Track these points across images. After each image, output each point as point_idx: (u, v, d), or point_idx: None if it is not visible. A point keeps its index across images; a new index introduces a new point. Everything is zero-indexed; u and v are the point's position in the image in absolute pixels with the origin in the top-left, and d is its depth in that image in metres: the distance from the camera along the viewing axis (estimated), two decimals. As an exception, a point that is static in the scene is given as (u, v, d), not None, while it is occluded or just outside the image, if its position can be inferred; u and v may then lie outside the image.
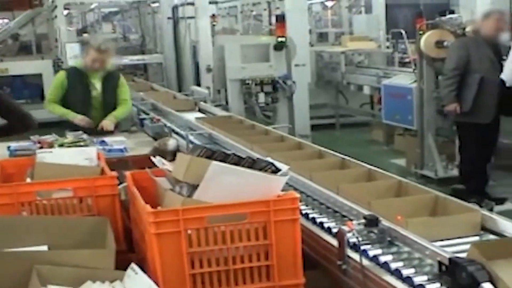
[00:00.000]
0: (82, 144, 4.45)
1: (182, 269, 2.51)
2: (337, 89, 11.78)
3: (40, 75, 12.72)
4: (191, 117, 6.38)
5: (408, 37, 10.51)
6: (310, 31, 12.05)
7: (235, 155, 2.78)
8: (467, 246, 2.40)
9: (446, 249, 2.50)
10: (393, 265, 2.53)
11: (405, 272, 2.46)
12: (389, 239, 2.72)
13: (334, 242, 2.79)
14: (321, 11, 16.10)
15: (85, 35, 15.61)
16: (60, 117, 5.68)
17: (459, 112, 6.48)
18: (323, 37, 15.28)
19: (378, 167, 3.68)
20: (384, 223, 2.74)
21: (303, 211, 3.22)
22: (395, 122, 8.50)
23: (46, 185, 3.09)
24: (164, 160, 3.09)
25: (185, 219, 2.49)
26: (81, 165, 3.41)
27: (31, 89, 13.19)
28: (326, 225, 3.07)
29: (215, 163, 2.65)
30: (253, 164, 2.73)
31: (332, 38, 14.62)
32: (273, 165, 2.76)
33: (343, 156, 4.00)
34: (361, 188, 3.35)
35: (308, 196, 3.50)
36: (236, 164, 2.70)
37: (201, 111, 7.26)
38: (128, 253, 3.04)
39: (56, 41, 12.59)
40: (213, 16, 11.40)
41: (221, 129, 5.33)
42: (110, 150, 4.68)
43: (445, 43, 7.16)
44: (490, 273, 2.17)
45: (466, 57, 6.40)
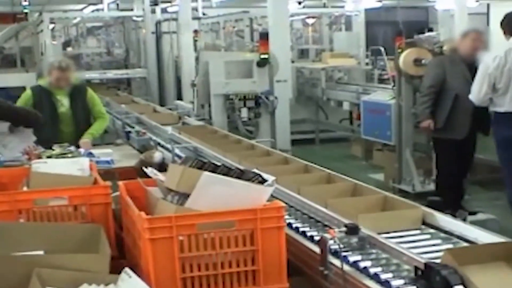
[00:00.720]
0: (70, 155, 4.51)
1: (173, 273, 2.65)
2: (317, 105, 11.93)
3: (24, 88, 12.68)
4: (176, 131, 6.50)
5: (387, 54, 10.69)
6: (291, 48, 12.14)
7: (224, 166, 2.94)
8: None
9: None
10: (372, 270, 2.68)
11: (383, 277, 2.61)
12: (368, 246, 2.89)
13: (317, 249, 2.93)
14: (302, 28, 16.24)
15: (68, 49, 15.68)
16: None
17: (433, 128, 6.56)
18: (304, 53, 15.35)
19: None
20: (364, 231, 2.91)
21: (287, 221, 3.33)
22: (374, 138, 8.57)
23: (43, 193, 3.22)
24: (155, 171, 3.23)
25: (178, 226, 2.63)
26: (74, 175, 3.53)
27: (15, 101, 13.15)
28: (308, 234, 3.22)
29: (206, 173, 2.80)
30: (241, 175, 2.88)
31: (312, 54, 14.70)
32: (260, 176, 2.92)
33: (329, 171, 4.08)
34: (348, 202, 3.47)
35: (297, 210, 3.57)
36: (225, 175, 2.85)
37: (184, 124, 7.36)
38: (119, 259, 3.15)
39: (42, 54, 12.65)
40: (196, 31, 11.48)
41: (207, 143, 5.41)
42: (97, 162, 4.74)
43: (423, 61, 7.24)
44: (462, 276, 2.32)
45: (442, 75, 6.48)
